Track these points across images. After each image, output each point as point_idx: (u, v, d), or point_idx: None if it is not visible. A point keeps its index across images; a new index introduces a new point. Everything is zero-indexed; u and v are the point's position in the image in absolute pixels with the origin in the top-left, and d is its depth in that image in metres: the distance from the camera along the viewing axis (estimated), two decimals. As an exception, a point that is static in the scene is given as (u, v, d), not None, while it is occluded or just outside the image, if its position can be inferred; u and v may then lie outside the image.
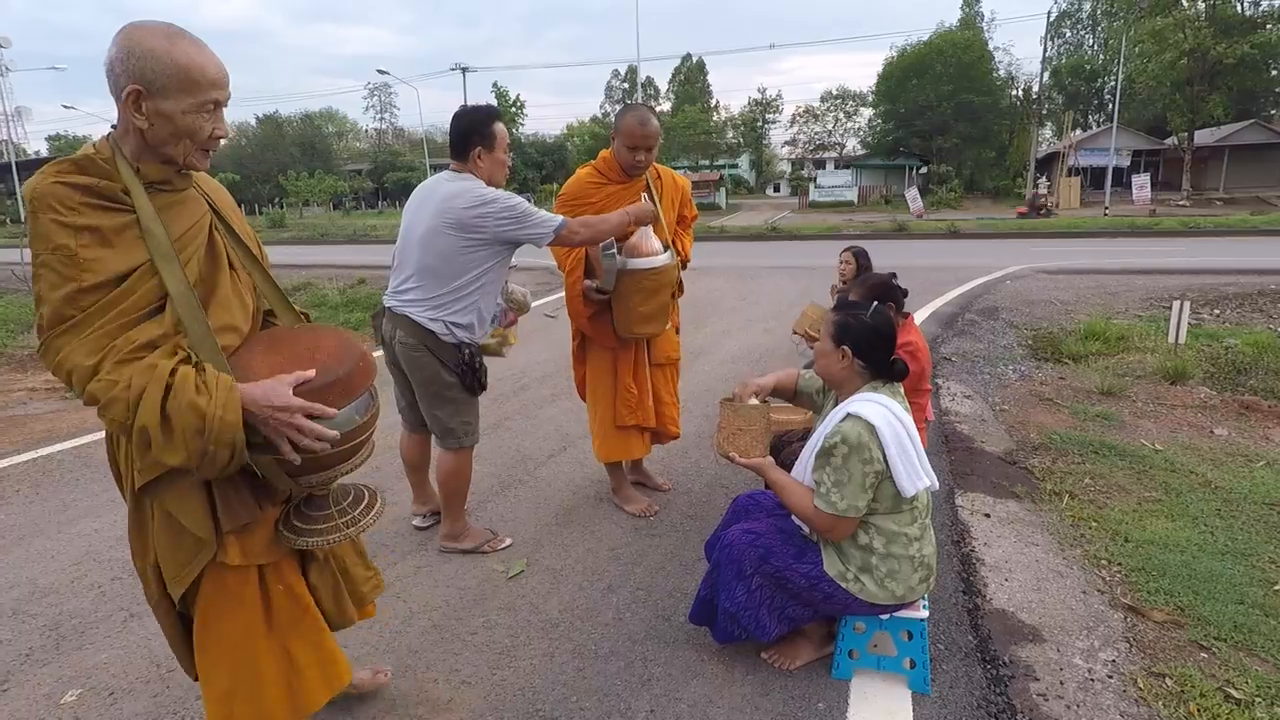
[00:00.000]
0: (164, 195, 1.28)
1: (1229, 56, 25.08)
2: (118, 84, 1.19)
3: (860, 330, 1.83)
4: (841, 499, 1.75)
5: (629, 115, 2.65)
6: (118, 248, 1.21)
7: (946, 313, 7.50)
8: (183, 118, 1.21)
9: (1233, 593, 2.29)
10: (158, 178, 1.26)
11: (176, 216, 1.28)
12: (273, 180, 48.60)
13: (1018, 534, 2.74)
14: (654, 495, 3.17)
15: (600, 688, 1.92)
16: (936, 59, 34.65)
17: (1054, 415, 4.19)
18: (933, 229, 20.06)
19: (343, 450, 1.32)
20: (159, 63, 1.17)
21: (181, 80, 1.19)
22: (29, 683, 2.00)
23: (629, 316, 2.68)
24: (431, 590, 2.43)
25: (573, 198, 2.75)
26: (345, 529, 1.42)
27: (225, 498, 1.32)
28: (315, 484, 1.36)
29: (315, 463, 1.30)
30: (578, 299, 2.74)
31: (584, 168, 2.84)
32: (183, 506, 1.30)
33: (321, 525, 1.42)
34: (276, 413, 1.22)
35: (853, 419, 1.76)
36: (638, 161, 2.66)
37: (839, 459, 1.75)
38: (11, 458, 3.84)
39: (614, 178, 2.74)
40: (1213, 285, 9.13)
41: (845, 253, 4.34)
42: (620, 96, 56.07)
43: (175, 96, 1.19)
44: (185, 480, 1.29)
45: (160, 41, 1.18)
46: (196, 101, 1.21)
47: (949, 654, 2.04)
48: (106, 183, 1.20)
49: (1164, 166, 33.40)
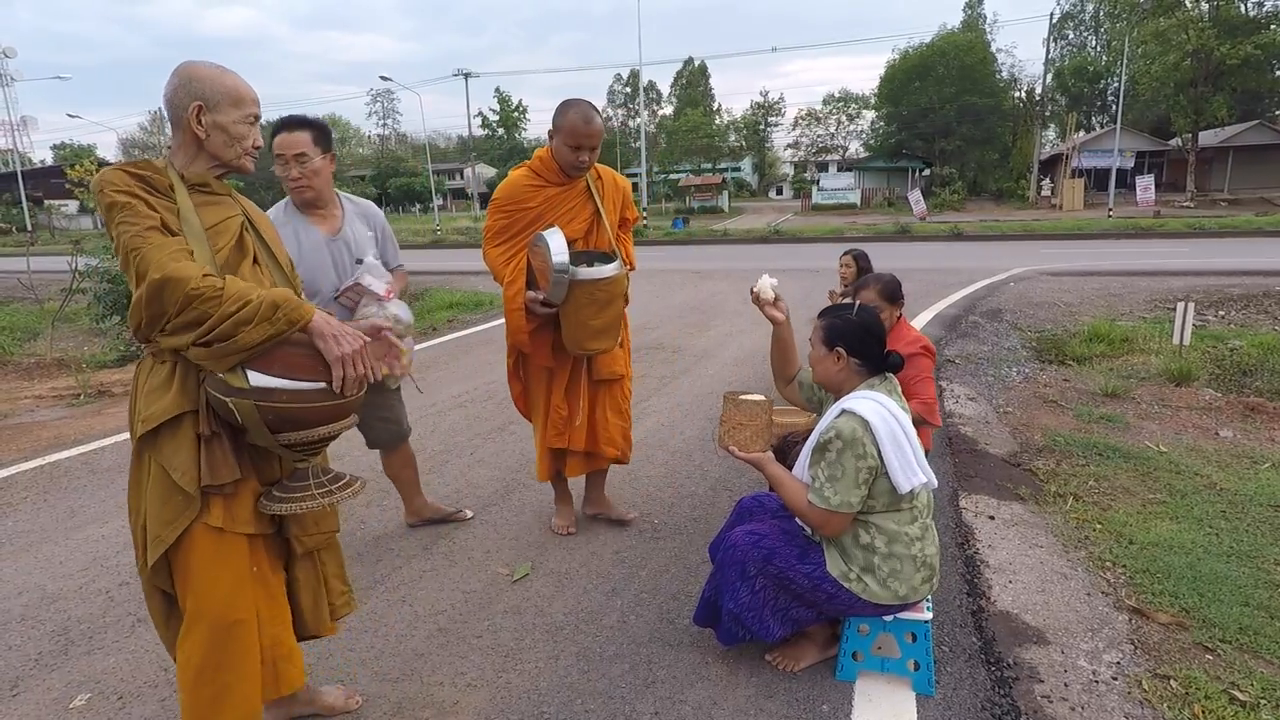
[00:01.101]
0: (202, 195, 1.53)
1: (1233, 57, 25.02)
2: (182, 105, 1.48)
3: (850, 329, 1.86)
4: (835, 494, 1.76)
5: (571, 111, 2.39)
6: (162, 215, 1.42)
7: (950, 315, 7.49)
8: (234, 127, 1.52)
9: (1238, 595, 2.29)
10: (198, 181, 1.52)
11: (211, 212, 1.52)
12: (276, 187, 48.71)
13: (1022, 536, 2.74)
14: (654, 496, 3.18)
15: (605, 690, 1.92)
16: (939, 61, 34.67)
17: (1058, 417, 4.19)
18: (936, 231, 20.05)
19: (325, 408, 1.43)
20: (215, 85, 1.49)
21: (233, 98, 1.51)
22: (38, 687, 2.02)
23: (580, 331, 2.44)
24: (437, 594, 2.44)
25: (508, 201, 2.51)
26: (321, 498, 1.49)
27: (210, 454, 1.42)
28: (295, 442, 1.42)
29: (291, 415, 1.40)
30: (518, 313, 2.49)
31: (518, 169, 2.58)
32: (174, 460, 1.41)
33: (298, 494, 1.49)
34: (348, 339, 1.43)
35: (847, 415, 1.77)
36: (581, 162, 2.43)
37: (833, 454, 1.76)
38: (19, 465, 3.87)
39: (553, 179, 2.50)
40: (1217, 286, 9.10)
41: (845, 256, 4.35)
42: (623, 100, 56.20)
43: (227, 110, 1.50)
44: (181, 432, 1.42)
45: (214, 71, 1.51)
46: (243, 114, 1.53)
47: (953, 656, 2.04)
48: (157, 176, 1.47)
49: (1168, 168, 33.31)
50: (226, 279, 1.38)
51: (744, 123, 55.21)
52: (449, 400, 4.90)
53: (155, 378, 1.44)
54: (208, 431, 1.42)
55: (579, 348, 2.50)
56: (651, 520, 2.97)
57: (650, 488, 3.32)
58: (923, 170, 38.44)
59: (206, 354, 1.36)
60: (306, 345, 1.42)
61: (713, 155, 46.06)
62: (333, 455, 1.86)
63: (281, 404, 1.38)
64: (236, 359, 1.36)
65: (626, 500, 3.18)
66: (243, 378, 1.37)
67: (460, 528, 2.95)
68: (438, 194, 40.62)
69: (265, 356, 1.38)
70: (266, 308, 1.36)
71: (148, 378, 1.46)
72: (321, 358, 1.41)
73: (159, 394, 1.43)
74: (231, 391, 1.36)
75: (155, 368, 1.45)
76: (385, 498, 3.28)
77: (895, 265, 10.11)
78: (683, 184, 41.06)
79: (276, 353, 1.38)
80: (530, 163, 2.55)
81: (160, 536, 1.43)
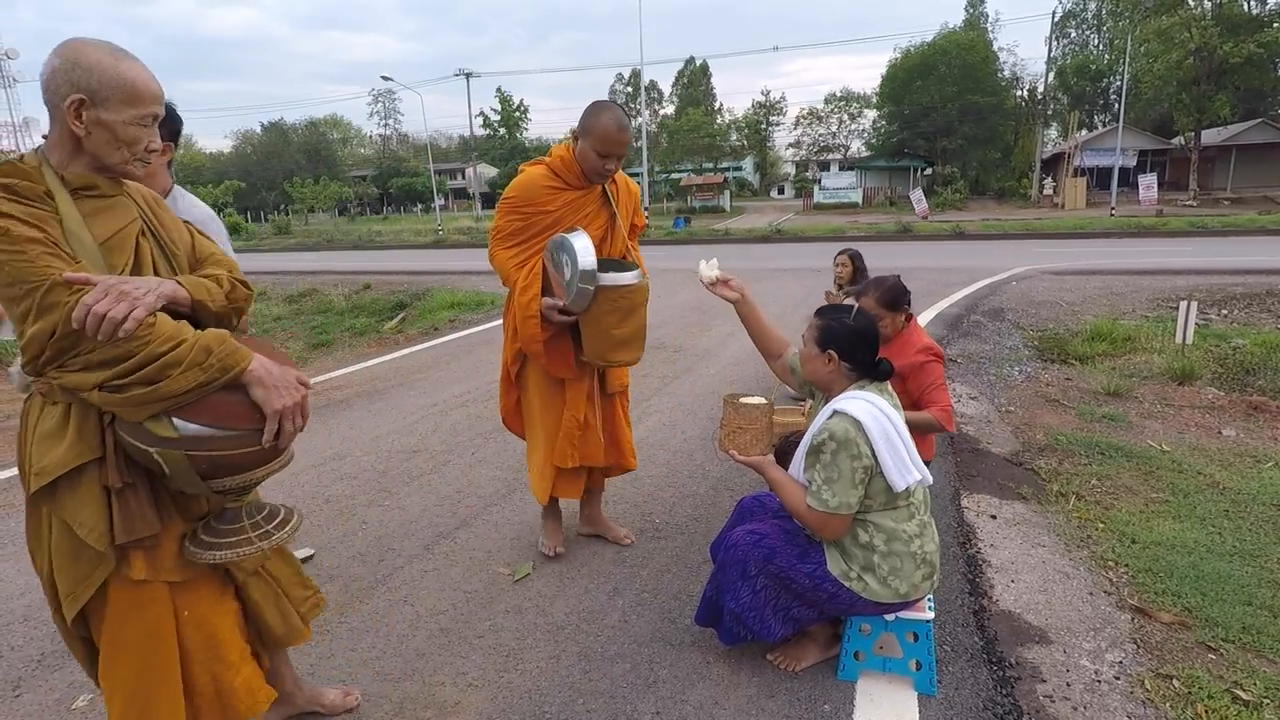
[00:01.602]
0: (90, 200, 1.30)
1: (1236, 55, 24.94)
2: (58, 93, 1.23)
3: (844, 333, 1.86)
4: (833, 496, 1.76)
5: (604, 115, 2.25)
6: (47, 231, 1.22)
7: (952, 314, 7.48)
8: (124, 128, 1.26)
9: (1241, 594, 2.28)
10: (81, 184, 1.29)
11: (102, 221, 1.30)
12: (278, 187, 48.88)
13: (1024, 535, 2.74)
14: (655, 495, 3.18)
15: (606, 690, 1.92)
16: (941, 60, 34.60)
17: (1060, 416, 4.18)
18: (937, 230, 20.02)
19: (263, 453, 1.29)
20: (105, 76, 1.23)
21: (128, 93, 1.25)
22: (41, 688, 2.02)
23: (603, 341, 2.31)
24: (438, 594, 2.44)
25: (525, 203, 2.35)
26: (257, 541, 1.34)
27: (124, 508, 1.26)
28: (229, 488, 1.29)
29: (226, 462, 1.26)
30: (533, 320, 2.33)
31: (534, 165, 2.42)
32: (78, 516, 1.25)
33: (231, 539, 1.33)
34: (288, 390, 1.28)
35: (839, 416, 1.78)
36: (607, 170, 2.32)
37: (828, 455, 1.76)
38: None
39: (573, 182, 2.36)
40: (1220, 285, 9.07)
41: (841, 255, 4.34)
42: (624, 100, 56.19)
43: (118, 108, 1.25)
44: (83, 486, 1.25)
45: (106, 57, 1.24)
46: (138, 114, 1.27)
47: (955, 655, 2.03)
48: (27, 184, 1.22)
49: (1170, 166, 33.23)
50: (157, 314, 1.21)
51: (745, 122, 55.14)
52: (451, 400, 4.91)
53: (47, 422, 1.25)
54: (119, 484, 1.25)
55: (601, 359, 2.35)
56: (653, 520, 2.97)
57: (652, 487, 3.32)
58: (924, 169, 38.37)
59: (119, 400, 1.19)
60: (239, 391, 1.26)
61: (714, 155, 45.99)
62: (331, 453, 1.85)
63: (217, 452, 1.24)
64: (159, 407, 1.20)
65: (628, 500, 3.18)
66: (169, 426, 1.21)
67: (462, 527, 2.96)
68: (439, 194, 40.66)
69: (195, 405, 1.22)
70: (199, 351, 1.20)
71: (38, 421, 1.27)
72: (255, 405, 1.26)
73: (52, 442, 1.25)
74: (156, 441, 1.21)
75: (46, 409, 1.26)
76: (386, 497, 3.28)
77: (897, 265, 10.08)
78: (684, 183, 41.03)
79: (207, 400, 1.22)
80: (549, 161, 2.39)
81: (74, 594, 1.30)
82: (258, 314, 12.00)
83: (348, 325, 10.13)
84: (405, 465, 3.70)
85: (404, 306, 10.72)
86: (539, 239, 2.38)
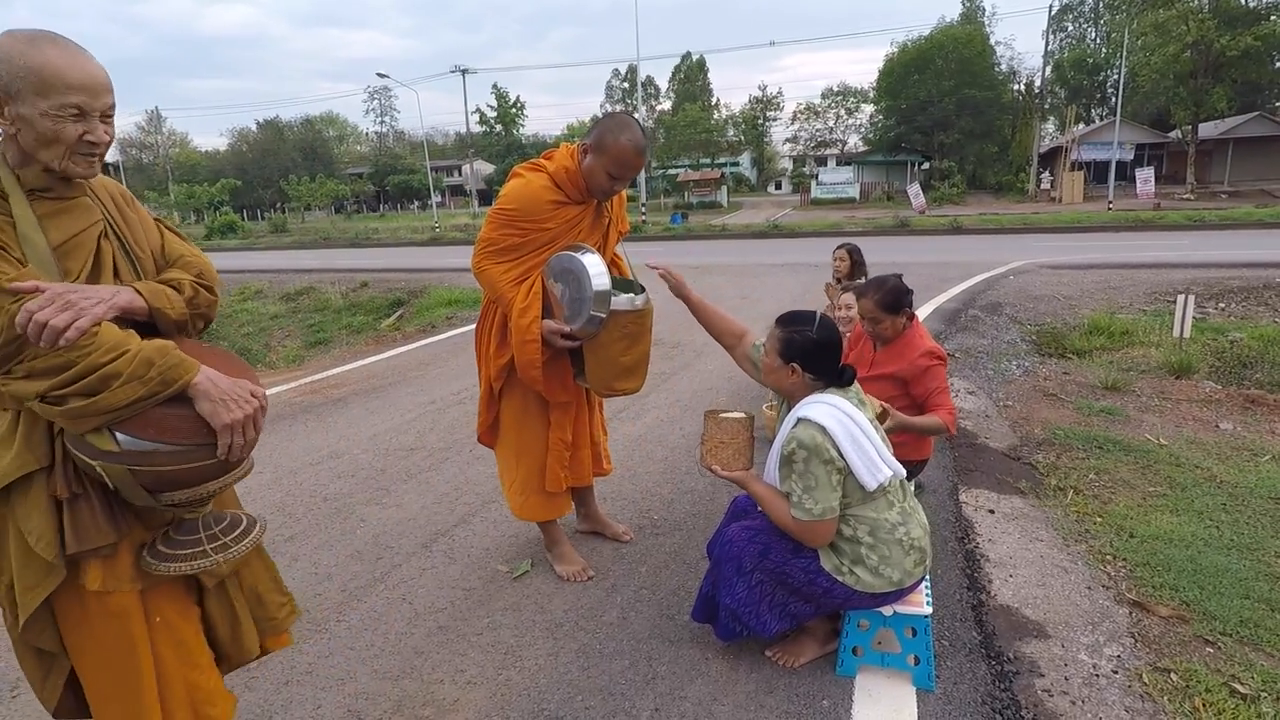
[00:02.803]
0: (48, 202, 1.25)
1: (1233, 49, 24.92)
2: None
3: (806, 345, 1.85)
4: (815, 504, 1.77)
5: (624, 136, 2.09)
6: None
7: (950, 309, 7.48)
8: (40, 120, 1.17)
9: (1238, 587, 2.28)
10: (38, 185, 1.24)
11: (59, 224, 1.25)
12: (274, 185, 48.77)
13: (1022, 530, 2.74)
14: (653, 492, 3.18)
15: (605, 687, 1.92)
16: (938, 54, 34.56)
17: (1058, 410, 4.18)
18: (935, 225, 20.01)
19: (212, 466, 1.24)
20: (11, 66, 1.15)
21: (34, 83, 1.15)
22: (38, 687, 2.02)
23: (609, 369, 2.19)
24: (436, 592, 2.44)
25: (524, 217, 2.16)
26: (213, 554, 1.28)
27: (76, 517, 1.22)
28: (180, 501, 1.24)
29: (172, 477, 1.20)
30: (534, 345, 2.16)
31: (533, 172, 2.22)
32: (28, 524, 1.21)
33: (187, 550, 1.28)
34: (237, 403, 1.22)
35: (803, 423, 1.79)
36: (615, 190, 2.20)
37: (800, 464, 1.77)
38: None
39: (575, 197, 2.19)
40: (1218, 279, 9.08)
41: (839, 250, 4.33)
42: (620, 96, 56.05)
43: (29, 100, 1.16)
44: (32, 494, 1.22)
45: (18, 45, 1.16)
46: (52, 104, 1.17)
47: (953, 650, 2.04)
48: None
49: (1168, 160, 33.24)
50: (105, 323, 1.16)
51: (742, 117, 55.05)
52: (448, 397, 4.90)
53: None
54: (66, 494, 1.21)
55: (606, 389, 2.24)
56: (651, 516, 2.97)
57: (650, 484, 3.32)
58: (922, 164, 38.34)
59: (59, 412, 1.15)
60: (185, 405, 1.20)
61: (711, 150, 45.94)
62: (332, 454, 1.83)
63: (162, 467, 1.19)
64: (98, 420, 1.15)
65: (626, 496, 3.18)
66: (111, 440, 1.16)
67: (460, 525, 2.95)
68: (436, 191, 40.55)
69: (136, 419, 1.16)
70: (140, 364, 1.15)
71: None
72: (201, 419, 1.20)
73: (1, 449, 1.21)
74: (99, 454, 1.16)
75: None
76: (384, 495, 3.28)
77: (894, 259, 10.06)
78: (681, 179, 40.99)
79: (149, 414, 1.17)
80: (552, 172, 2.18)
81: (24, 603, 1.25)
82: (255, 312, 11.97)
83: (345, 323, 10.11)
84: (403, 463, 3.70)
85: (401, 304, 10.71)
86: (534, 255, 2.21)
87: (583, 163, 2.16)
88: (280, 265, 17.28)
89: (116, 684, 1.32)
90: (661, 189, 41.82)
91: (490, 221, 2.22)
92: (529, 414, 2.38)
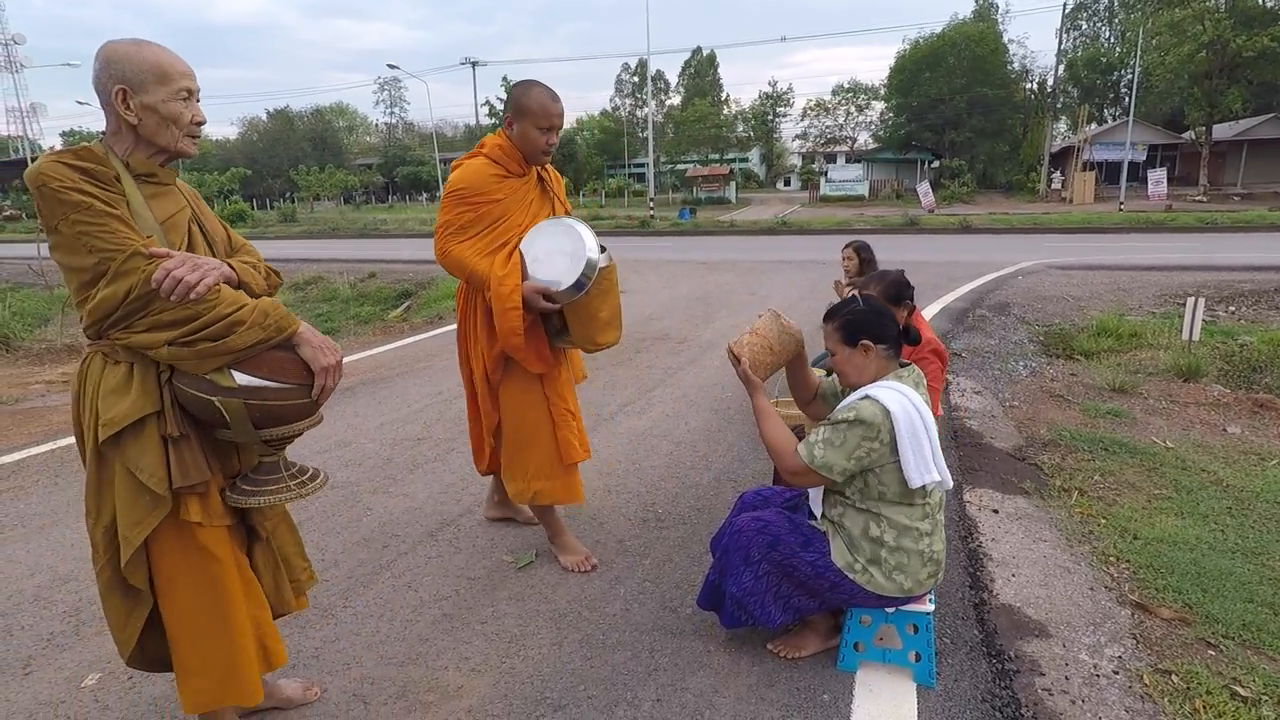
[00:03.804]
0: (150, 186, 1.46)
1: (1249, 49, 24.65)
2: (106, 90, 1.39)
3: (866, 319, 1.85)
4: (822, 454, 1.76)
5: (535, 90, 2.22)
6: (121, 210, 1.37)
7: (957, 308, 7.46)
8: (164, 106, 1.40)
9: (1242, 591, 2.28)
10: (144, 170, 1.45)
11: (162, 205, 1.47)
12: (284, 175, 48.89)
13: (1025, 530, 2.74)
14: (658, 486, 3.19)
15: (608, 677, 1.94)
16: (949, 52, 34.30)
17: (1064, 412, 4.17)
18: (944, 224, 19.91)
19: (305, 405, 1.48)
20: (133, 63, 1.38)
21: (157, 73, 1.39)
22: (50, 666, 2.05)
23: (591, 325, 2.30)
24: (442, 580, 2.46)
25: (474, 193, 2.27)
26: (295, 489, 1.52)
27: (180, 456, 1.42)
28: (276, 437, 1.47)
29: (276, 411, 1.44)
30: (515, 312, 2.20)
31: (474, 158, 2.35)
32: (141, 462, 1.40)
33: (272, 485, 1.51)
34: (329, 351, 1.48)
35: (870, 400, 1.77)
36: (549, 145, 2.28)
37: (843, 425, 1.76)
38: (31, 449, 3.91)
39: (514, 169, 2.32)
40: (1229, 282, 9.01)
41: (847, 249, 4.33)
42: (630, 90, 55.85)
43: (153, 89, 1.39)
44: (145, 436, 1.40)
45: (130, 48, 1.40)
46: (171, 90, 1.41)
47: (954, 648, 2.05)
48: (100, 168, 1.38)
49: (1181, 161, 32.94)
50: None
51: (752, 113, 54.80)
52: (455, 388, 4.92)
53: (111, 379, 1.40)
54: (176, 433, 1.41)
55: (591, 343, 2.34)
56: (655, 510, 2.99)
57: (654, 477, 3.33)
58: (932, 162, 38.11)
59: (189, 353, 1.35)
60: (290, 350, 1.45)
61: (720, 146, 45.78)
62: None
63: (270, 402, 1.42)
64: (223, 360, 1.37)
65: (630, 490, 3.20)
66: (229, 377, 1.39)
67: (465, 515, 2.98)
68: (444, 183, 40.51)
69: (253, 359, 1.40)
70: (259, 314, 1.39)
71: (101, 379, 1.41)
72: (302, 362, 1.45)
73: (118, 396, 1.39)
74: (219, 390, 1.38)
75: (108, 369, 1.41)
76: (391, 485, 3.30)
77: (903, 258, 10.04)
78: (690, 174, 40.88)
79: (264, 356, 1.41)
80: (487, 151, 2.33)
81: (128, 538, 1.41)
82: (263, 301, 11.98)
83: (353, 313, 10.15)
84: (410, 453, 3.72)
85: (409, 295, 10.74)
86: (492, 230, 2.31)
87: (512, 135, 2.30)
88: (289, 254, 17.34)
89: (206, 612, 1.50)
90: (670, 184, 41.72)
91: (443, 207, 2.34)
92: (531, 400, 2.43)
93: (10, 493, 3.33)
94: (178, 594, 1.49)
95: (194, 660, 1.52)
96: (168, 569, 1.48)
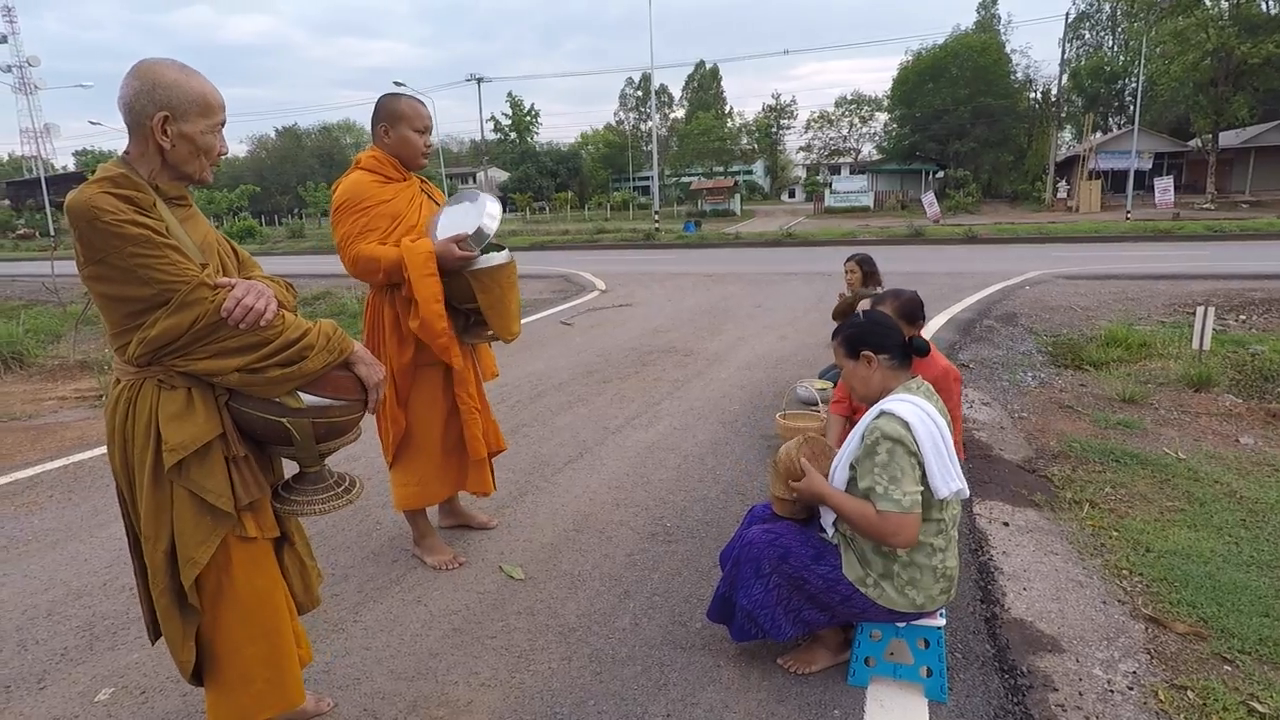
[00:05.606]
0: (180, 209, 1.49)
1: (1254, 56, 24.63)
2: (143, 112, 1.38)
3: (865, 330, 1.90)
4: (904, 495, 1.71)
5: (401, 100, 2.39)
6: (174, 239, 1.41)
7: (964, 319, 7.44)
8: (201, 137, 1.44)
9: (1258, 605, 2.26)
10: (174, 194, 1.47)
11: (193, 228, 1.50)
12: (292, 191, 49.43)
13: (1037, 543, 2.72)
14: (666, 499, 3.19)
15: (617, 692, 1.94)
16: (952, 62, 34.49)
17: (1074, 423, 4.15)
18: (949, 234, 19.89)
19: (358, 418, 1.59)
20: (182, 92, 1.40)
21: (202, 106, 1.42)
22: (64, 681, 2.06)
23: (505, 314, 2.44)
24: (451, 594, 2.47)
25: (359, 200, 2.34)
26: (345, 496, 1.60)
27: (241, 474, 1.49)
28: (332, 450, 1.57)
29: (339, 427, 1.54)
30: (432, 279, 2.30)
31: (352, 173, 2.42)
32: (208, 483, 1.44)
33: (323, 495, 1.58)
34: (378, 367, 1.58)
35: (886, 416, 1.77)
36: (427, 146, 2.45)
37: (884, 455, 1.73)
38: (45, 465, 3.95)
39: (393, 175, 2.43)
40: (1238, 290, 8.96)
41: (850, 261, 4.34)
42: (634, 104, 56.34)
43: (194, 119, 1.42)
44: (210, 458, 1.45)
45: (178, 75, 1.41)
46: (211, 123, 1.45)
47: (966, 663, 2.03)
48: (143, 195, 1.38)
49: (1187, 169, 32.84)
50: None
51: (756, 125, 55.14)
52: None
53: (170, 405, 1.42)
54: (242, 454, 1.48)
55: (507, 332, 2.50)
56: (664, 524, 2.99)
57: (663, 491, 3.33)
58: (936, 173, 38.18)
59: (262, 380, 1.41)
60: (346, 368, 1.54)
61: (724, 158, 46.01)
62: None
63: (334, 419, 1.52)
64: (296, 384, 1.45)
65: (638, 503, 3.20)
66: (299, 399, 1.48)
67: (475, 530, 2.98)
68: (451, 197, 40.79)
69: (319, 380, 1.48)
70: (323, 337, 1.47)
71: (158, 405, 1.42)
72: (357, 379, 1.54)
73: (182, 421, 1.41)
74: (289, 412, 1.47)
75: (164, 394, 1.42)
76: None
77: (908, 269, 9.99)
78: (694, 187, 41.08)
79: (328, 376, 1.50)
80: (363, 165, 2.41)
81: (194, 558, 1.45)
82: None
83: (359, 328, 10.22)
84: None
85: (416, 309, 10.76)
86: (391, 232, 2.39)
87: (388, 143, 2.41)
88: (298, 270, 17.50)
89: (259, 624, 1.55)
90: (675, 197, 41.91)
91: (336, 224, 2.39)
92: (434, 394, 2.54)
93: (25, 508, 3.36)
94: (223, 608, 1.52)
95: (231, 673, 1.55)
96: (212, 585, 1.51)
